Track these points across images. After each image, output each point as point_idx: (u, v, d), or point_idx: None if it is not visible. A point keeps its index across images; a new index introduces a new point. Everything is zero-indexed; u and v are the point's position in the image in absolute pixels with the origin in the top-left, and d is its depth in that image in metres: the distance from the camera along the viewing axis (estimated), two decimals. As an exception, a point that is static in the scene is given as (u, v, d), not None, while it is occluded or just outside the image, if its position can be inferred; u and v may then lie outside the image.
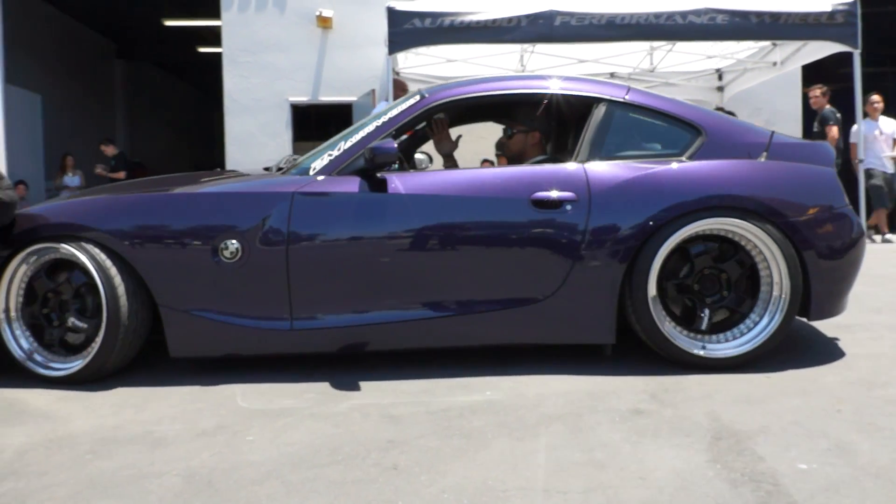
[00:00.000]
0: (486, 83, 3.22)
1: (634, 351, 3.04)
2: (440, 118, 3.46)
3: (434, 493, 1.82)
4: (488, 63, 9.22)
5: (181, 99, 19.89)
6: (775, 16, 6.96)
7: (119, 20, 13.29)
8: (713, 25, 6.98)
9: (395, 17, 7.11)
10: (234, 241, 2.81)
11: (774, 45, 8.30)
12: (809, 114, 8.78)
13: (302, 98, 9.63)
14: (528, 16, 7.07)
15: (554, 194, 2.85)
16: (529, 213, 2.84)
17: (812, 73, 9.45)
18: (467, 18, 7.07)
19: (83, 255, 2.80)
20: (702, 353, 2.82)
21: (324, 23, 9.27)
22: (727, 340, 2.87)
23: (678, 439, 2.12)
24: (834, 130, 7.85)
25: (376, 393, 2.64)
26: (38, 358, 2.92)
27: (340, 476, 1.92)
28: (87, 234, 2.85)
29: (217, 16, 9.56)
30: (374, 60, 9.33)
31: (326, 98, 9.58)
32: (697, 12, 6.95)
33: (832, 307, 2.95)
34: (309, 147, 3.80)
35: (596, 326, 2.87)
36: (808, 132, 9.14)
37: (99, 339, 2.78)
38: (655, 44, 8.75)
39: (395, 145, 2.83)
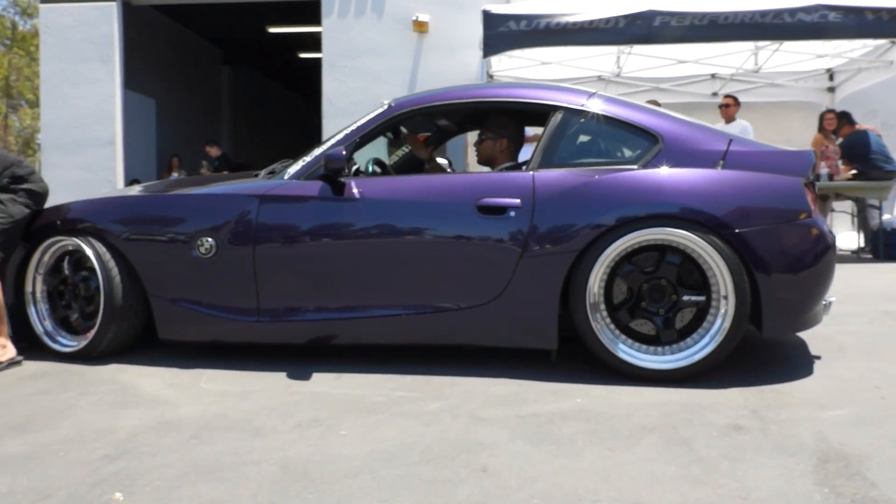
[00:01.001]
0: (449, 92, 3.35)
1: (733, 363, 2.93)
2: (407, 132, 3.61)
3: (523, 497, 1.81)
4: (584, 65, 9.10)
5: (282, 103, 20.61)
6: (894, 12, 6.54)
7: (227, 28, 13.91)
8: (825, 24, 6.62)
9: (490, 20, 7.12)
10: (209, 239, 3.10)
11: (893, 42, 7.80)
12: (932, 117, 8.20)
13: (397, 101, 9.77)
14: (626, 16, 6.93)
15: (498, 200, 2.89)
16: (474, 219, 2.90)
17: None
18: (563, 20, 7.00)
19: (88, 247, 3.20)
20: (643, 364, 2.77)
21: (420, 27, 9.40)
22: (671, 353, 2.79)
23: (781, 459, 2.03)
24: (959, 134, 7.31)
25: (466, 394, 2.65)
26: (52, 334, 3.35)
27: (430, 475, 1.94)
28: (92, 230, 3.24)
29: (318, 22, 9.85)
30: (469, 63, 9.38)
31: (421, 101, 9.70)
32: (807, 9, 6.61)
33: (790, 323, 2.81)
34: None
35: (538, 331, 2.89)
36: (929, 136, 8.54)
37: (97, 322, 3.17)
38: (761, 43, 8.39)
39: (344, 152, 3.00)
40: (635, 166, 2.91)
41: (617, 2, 7.17)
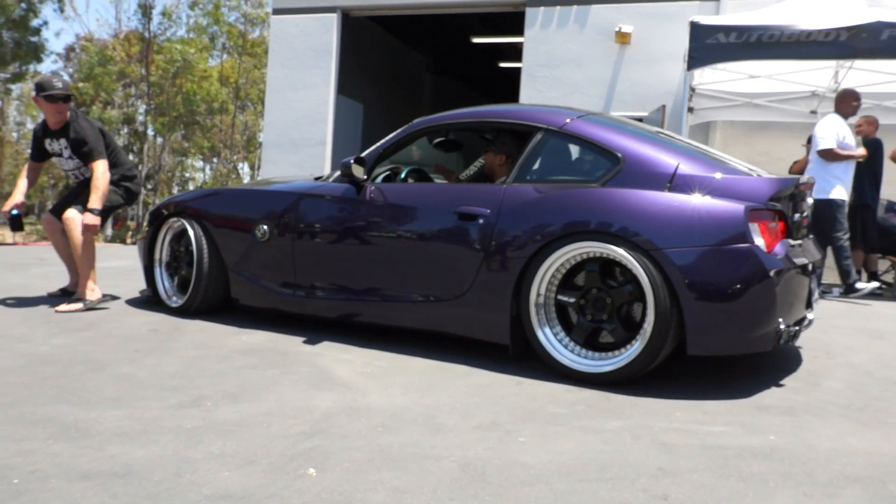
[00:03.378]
0: (460, 112, 3.79)
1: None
2: (440, 166, 4.30)
3: (705, 532, 1.73)
4: (796, 79, 8.47)
5: (477, 110, 21.14)
6: None
7: (433, 38, 14.53)
8: None
9: (697, 31, 6.83)
10: (264, 226, 3.87)
11: None
12: None
13: (592, 112, 9.68)
14: (848, 28, 6.33)
15: (472, 209, 3.28)
16: (453, 224, 3.32)
17: None
18: (778, 32, 6.55)
19: (190, 227, 4.12)
20: (573, 365, 3.00)
21: (622, 38, 9.24)
22: (600, 359, 2.98)
23: None
24: None
25: (648, 416, 2.58)
26: (168, 291, 4.32)
27: (608, 494, 1.92)
28: (194, 213, 4.14)
29: (520, 33, 10.01)
30: (670, 76, 9.08)
31: (617, 112, 9.54)
32: None
33: (717, 344, 2.86)
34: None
35: (494, 327, 3.21)
36: None
37: (191, 285, 4.08)
38: None
39: (351, 161, 3.52)
40: (596, 185, 3.11)
41: (838, 12, 6.58)
